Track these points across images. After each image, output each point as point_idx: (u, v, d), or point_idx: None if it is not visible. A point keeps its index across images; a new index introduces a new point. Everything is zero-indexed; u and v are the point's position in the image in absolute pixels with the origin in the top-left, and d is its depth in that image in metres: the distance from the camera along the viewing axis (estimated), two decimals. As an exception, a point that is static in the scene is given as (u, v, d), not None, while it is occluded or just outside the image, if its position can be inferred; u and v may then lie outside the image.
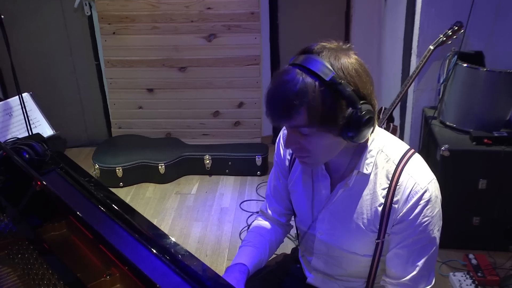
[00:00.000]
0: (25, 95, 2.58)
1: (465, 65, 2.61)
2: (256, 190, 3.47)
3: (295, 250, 1.67)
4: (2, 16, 2.29)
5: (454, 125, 2.72)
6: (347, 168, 1.29)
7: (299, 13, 3.71)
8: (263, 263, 1.48)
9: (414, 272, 1.26)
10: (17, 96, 2.44)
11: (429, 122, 2.82)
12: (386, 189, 1.24)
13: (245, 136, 3.91)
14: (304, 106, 1.09)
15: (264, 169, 3.66)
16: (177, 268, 1.09)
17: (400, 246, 1.26)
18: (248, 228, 3.05)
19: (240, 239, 2.97)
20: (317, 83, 1.09)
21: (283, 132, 1.46)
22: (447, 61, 2.75)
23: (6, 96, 2.68)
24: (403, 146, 1.29)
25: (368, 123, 1.15)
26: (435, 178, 1.25)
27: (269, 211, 1.56)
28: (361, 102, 1.13)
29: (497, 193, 2.60)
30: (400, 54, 3.14)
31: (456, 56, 2.67)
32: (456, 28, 2.68)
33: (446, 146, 2.54)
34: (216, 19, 3.57)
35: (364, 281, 1.40)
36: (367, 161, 1.25)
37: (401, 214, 1.23)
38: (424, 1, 2.77)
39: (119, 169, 3.48)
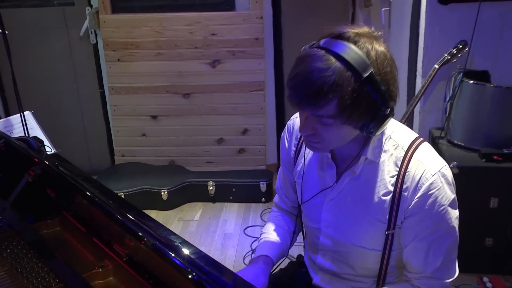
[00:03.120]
0: (27, 113, 2.56)
1: (471, 81, 2.58)
2: (261, 216, 3.39)
3: (300, 256, 1.60)
4: (7, 32, 2.30)
5: (462, 144, 2.66)
6: (354, 157, 1.24)
7: (304, 39, 3.68)
8: (286, 254, 1.45)
9: (437, 265, 1.20)
10: (18, 114, 2.43)
11: (436, 141, 2.77)
12: (395, 177, 1.19)
13: (250, 163, 3.85)
14: (336, 99, 1.05)
15: (269, 196, 3.59)
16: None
17: (418, 239, 1.20)
18: (253, 252, 2.97)
19: (244, 263, 2.87)
20: (353, 78, 1.04)
21: (288, 125, 1.44)
22: (453, 79, 2.72)
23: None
24: (412, 134, 1.25)
25: (390, 118, 1.14)
26: (446, 165, 1.20)
27: (282, 204, 1.56)
28: (391, 101, 1.10)
29: (510, 212, 2.51)
30: (405, 76, 3.13)
31: (462, 74, 2.64)
32: (461, 46, 2.66)
33: (455, 163, 2.47)
34: (220, 45, 3.58)
35: (374, 281, 1.32)
36: (374, 147, 1.21)
37: (413, 204, 1.17)
38: (428, 20, 2.78)
39: (121, 195, 3.42)
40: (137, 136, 3.87)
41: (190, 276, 0.79)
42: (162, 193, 3.47)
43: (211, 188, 3.57)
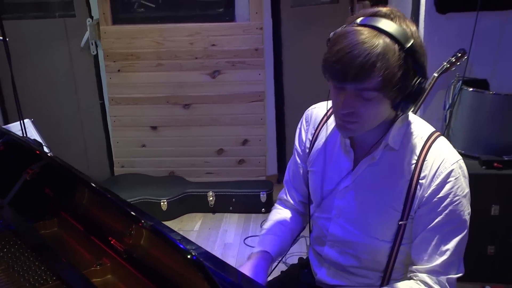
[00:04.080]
0: (27, 121, 2.56)
1: (470, 89, 2.58)
2: (261, 226, 3.37)
3: (302, 259, 1.59)
4: (8, 39, 2.32)
5: (462, 151, 2.65)
6: (372, 145, 1.25)
7: (303, 49, 3.74)
8: (286, 251, 1.44)
9: (445, 257, 1.18)
10: (18, 122, 2.43)
11: (437, 149, 2.76)
12: (413, 165, 1.21)
13: (250, 174, 3.84)
14: (383, 70, 1.06)
15: (269, 206, 3.57)
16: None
17: (428, 229, 1.20)
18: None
19: (244, 273, 2.85)
20: (397, 47, 1.06)
21: (306, 114, 1.44)
22: (452, 87, 2.73)
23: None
24: (430, 127, 1.28)
25: (422, 96, 1.16)
26: (462, 159, 1.22)
27: (288, 198, 1.53)
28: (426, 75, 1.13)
29: None
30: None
31: (461, 82, 2.65)
32: (460, 55, 2.67)
33: (456, 170, 2.46)
34: (220, 56, 3.59)
35: (380, 276, 1.31)
36: (395, 135, 1.22)
37: (429, 192, 1.18)
38: (426, 29, 2.80)
39: (120, 206, 3.40)
40: (137, 147, 3.86)
41: (189, 257, 0.78)
42: (162, 203, 3.46)
43: (211, 198, 3.55)
